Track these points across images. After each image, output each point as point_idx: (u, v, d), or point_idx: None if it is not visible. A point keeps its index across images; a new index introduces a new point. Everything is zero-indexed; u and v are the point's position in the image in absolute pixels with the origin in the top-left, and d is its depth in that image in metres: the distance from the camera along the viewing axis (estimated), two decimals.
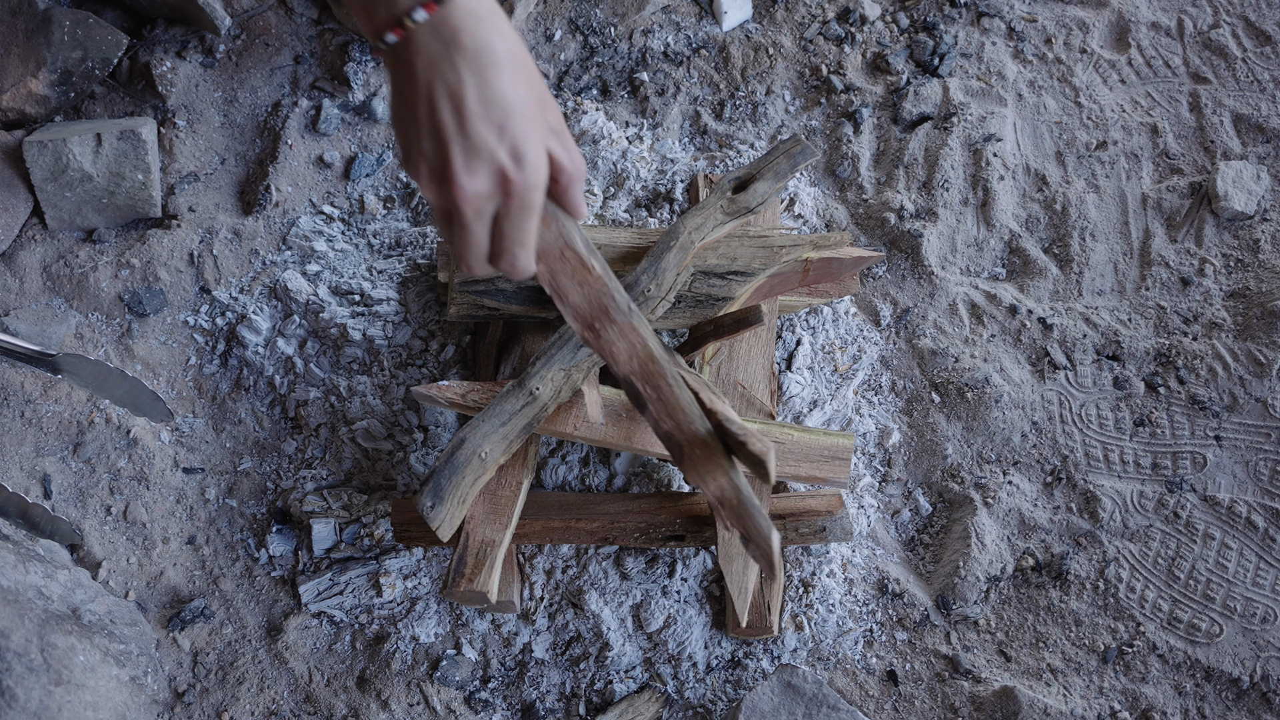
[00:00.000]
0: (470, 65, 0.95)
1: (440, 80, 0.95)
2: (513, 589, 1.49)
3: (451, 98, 0.95)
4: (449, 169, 0.96)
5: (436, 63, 0.95)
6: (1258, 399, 1.59)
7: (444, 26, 0.94)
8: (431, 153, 0.97)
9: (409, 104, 0.97)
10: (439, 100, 0.95)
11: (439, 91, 0.95)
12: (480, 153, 0.95)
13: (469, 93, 0.95)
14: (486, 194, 0.97)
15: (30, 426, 1.65)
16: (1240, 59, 1.84)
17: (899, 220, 1.74)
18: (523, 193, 0.97)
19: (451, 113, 0.95)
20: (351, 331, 1.66)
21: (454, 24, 0.94)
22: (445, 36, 0.94)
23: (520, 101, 0.96)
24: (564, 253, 1.22)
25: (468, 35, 0.94)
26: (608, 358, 1.31)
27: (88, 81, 1.77)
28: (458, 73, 0.95)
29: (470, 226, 0.99)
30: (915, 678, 1.51)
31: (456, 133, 0.95)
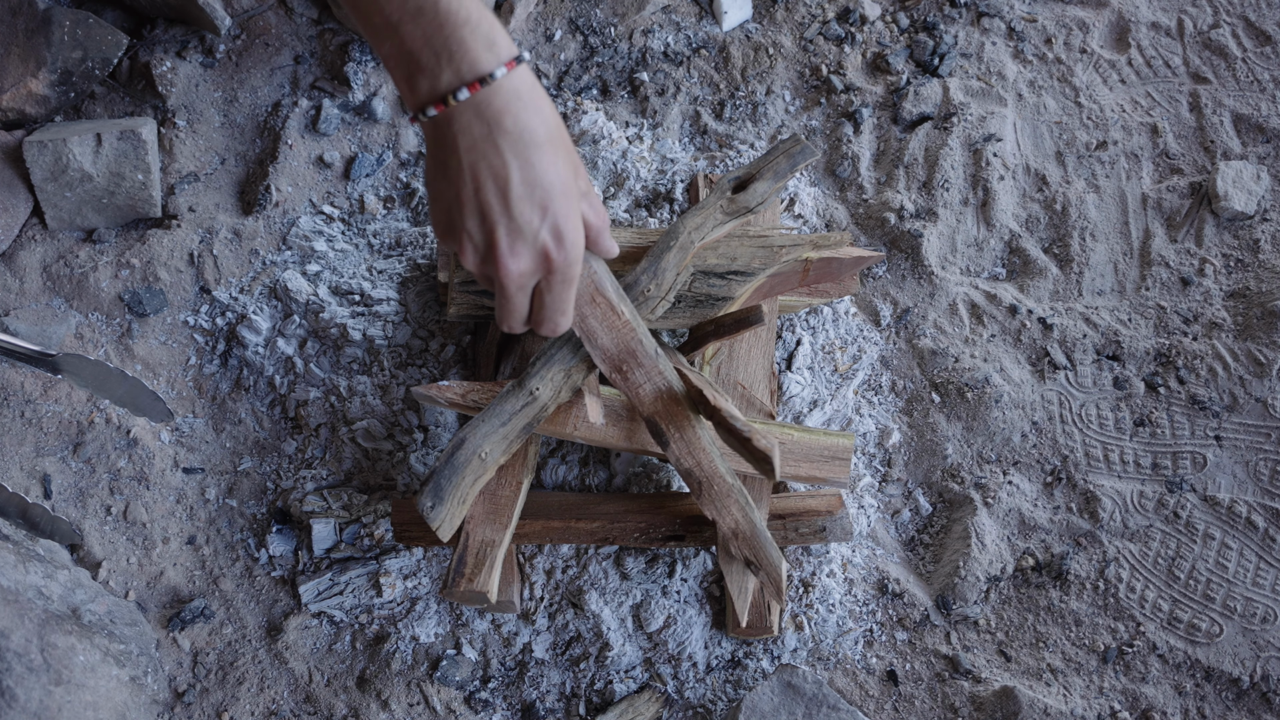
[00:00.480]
0: (513, 148, 0.97)
1: (484, 162, 0.97)
2: (513, 589, 1.49)
3: (496, 180, 0.97)
4: (495, 250, 1.00)
5: (480, 145, 0.97)
6: (1258, 399, 1.59)
7: (487, 108, 0.96)
8: (477, 232, 1.00)
9: (451, 180, 0.99)
10: (484, 182, 0.97)
11: (483, 173, 0.97)
12: (524, 235, 0.99)
13: (514, 175, 0.97)
14: (530, 271, 1.02)
15: (30, 426, 1.65)
16: (1240, 59, 1.84)
17: (899, 220, 1.74)
18: (564, 269, 1.03)
19: (497, 195, 0.98)
20: (351, 331, 1.66)
21: (498, 106, 0.96)
22: (488, 118, 0.96)
23: (560, 181, 0.99)
24: (594, 297, 1.31)
25: (510, 117, 0.96)
26: (633, 398, 1.37)
27: (88, 81, 1.77)
28: (501, 156, 0.97)
29: (513, 299, 1.05)
30: (915, 678, 1.51)
31: (502, 215, 0.98)
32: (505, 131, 0.96)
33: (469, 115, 0.96)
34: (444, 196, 1.02)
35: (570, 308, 1.09)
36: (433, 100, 0.97)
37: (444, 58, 0.95)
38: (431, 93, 0.97)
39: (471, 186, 0.99)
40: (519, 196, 0.98)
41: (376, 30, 0.96)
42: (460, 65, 0.95)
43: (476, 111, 0.96)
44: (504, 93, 0.96)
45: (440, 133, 0.99)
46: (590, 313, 1.33)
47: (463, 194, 0.99)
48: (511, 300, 1.06)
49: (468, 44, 0.95)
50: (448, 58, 0.95)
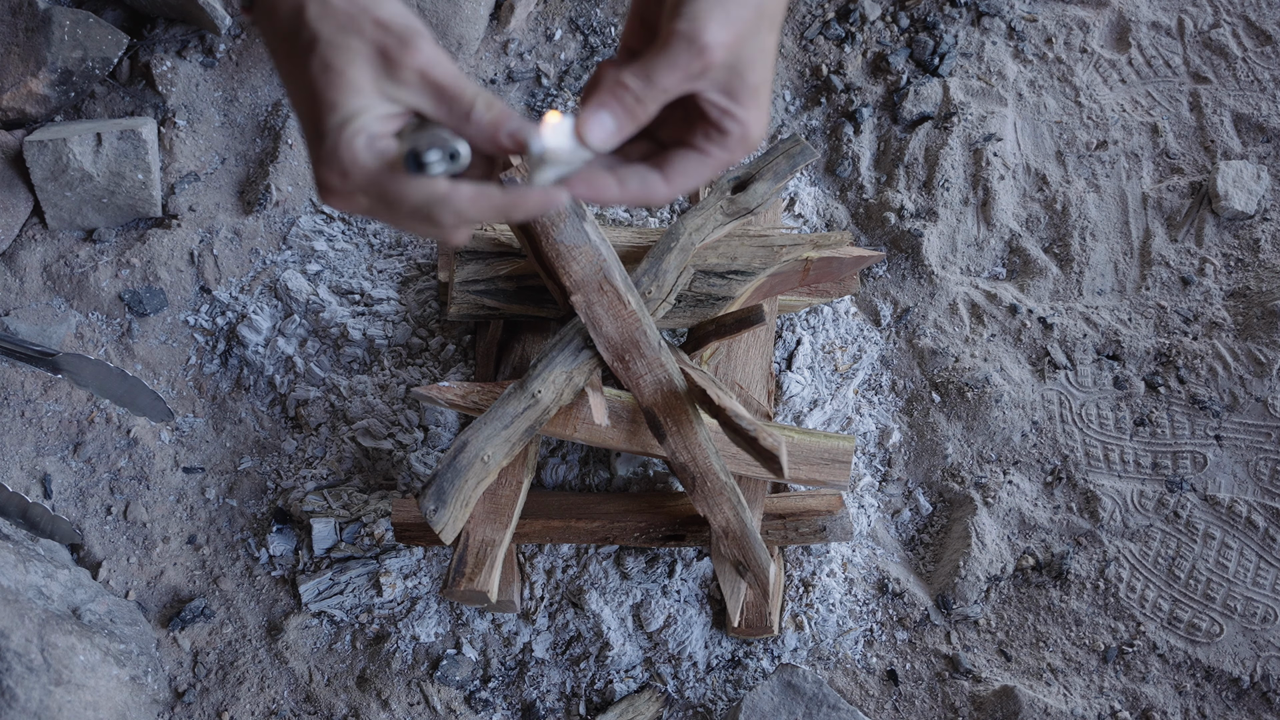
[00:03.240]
0: (286, 48, 0.78)
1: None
2: (513, 588, 1.49)
3: (287, 93, 0.79)
4: (315, 185, 0.81)
5: (275, 54, 0.79)
6: (1258, 398, 1.59)
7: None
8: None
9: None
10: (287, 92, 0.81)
11: (285, 86, 0.80)
12: (314, 157, 0.79)
13: (291, 87, 0.79)
14: (338, 199, 0.80)
15: (30, 426, 1.65)
16: (1240, 58, 1.84)
17: (899, 220, 1.74)
18: (357, 190, 0.77)
19: (291, 104, 0.81)
20: (352, 331, 1.66)
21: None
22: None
23: (317, 87, 0.76)
24: (602, 285, 1.32)
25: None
26: (634, 389, 1.37)
27: (88, 81, 1.77)
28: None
29: (377, 219, 0.82)
30: (915, 677, 1.51)
31: (302, 130, 0.80)
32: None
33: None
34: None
35: (417, 211, 0.77)
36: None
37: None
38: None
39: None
40: (296, 109, 0.79)
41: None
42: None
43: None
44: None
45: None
46: (596, 300, 1.34)
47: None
48: (384, 221, 0.82)
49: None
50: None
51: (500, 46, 1.90)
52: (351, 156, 0.75)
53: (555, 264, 1.36)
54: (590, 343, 1.37)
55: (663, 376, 1.36)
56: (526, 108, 1.88)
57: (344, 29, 0.74)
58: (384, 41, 0.75)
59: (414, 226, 0.78)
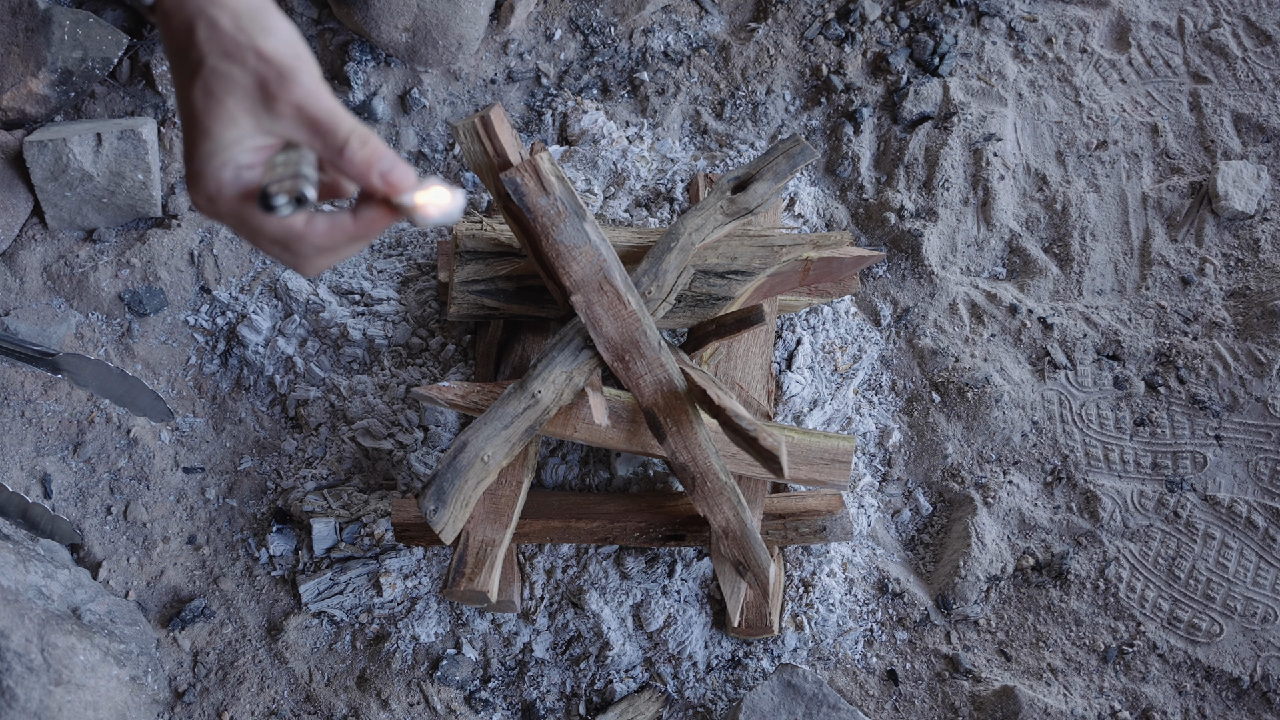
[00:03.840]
0: (167, 62, 0.81)
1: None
2: (513, 588, 1.49)
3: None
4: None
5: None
6: (1258, 398, 1.59)
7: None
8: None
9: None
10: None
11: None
12: (185, 168, 0.82)
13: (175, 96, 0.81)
14: (200, 210, 0.82)
15: (30, 426, 1.65)
16: (1240, 59, 1.84)
17: (899, 220, 1.74)
18: (213, 214, 0.80)
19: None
20: (352, 331, 1.66)
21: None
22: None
23: (189, 106, 0.78)
24: (602, 285, 1.32)
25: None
26: (634, 389, 1.37)
27: (88, 81, 1.77)
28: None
29: (240, 236, 0.85)
30: (915, 677, 1.51)
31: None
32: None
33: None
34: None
35: (277, 239, 0.80)
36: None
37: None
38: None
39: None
40: (178, 105, 0.80)
41: None
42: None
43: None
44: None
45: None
46: (596, 300, 1.35)
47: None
48: (250, 242, 0.84)
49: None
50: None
51: (500, 46, 1.90)
52: (217, 185, 0.78)
53: (555, 264, 1.36)
54: (590, 343, 1.37)
55: (663, 376, 1.36)
56: (526, 107, 1.88)
57: (228, 56, 0.76)
58: (264, 74, 0.77)
59: (274, 254, 0.82)
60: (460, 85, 1.88)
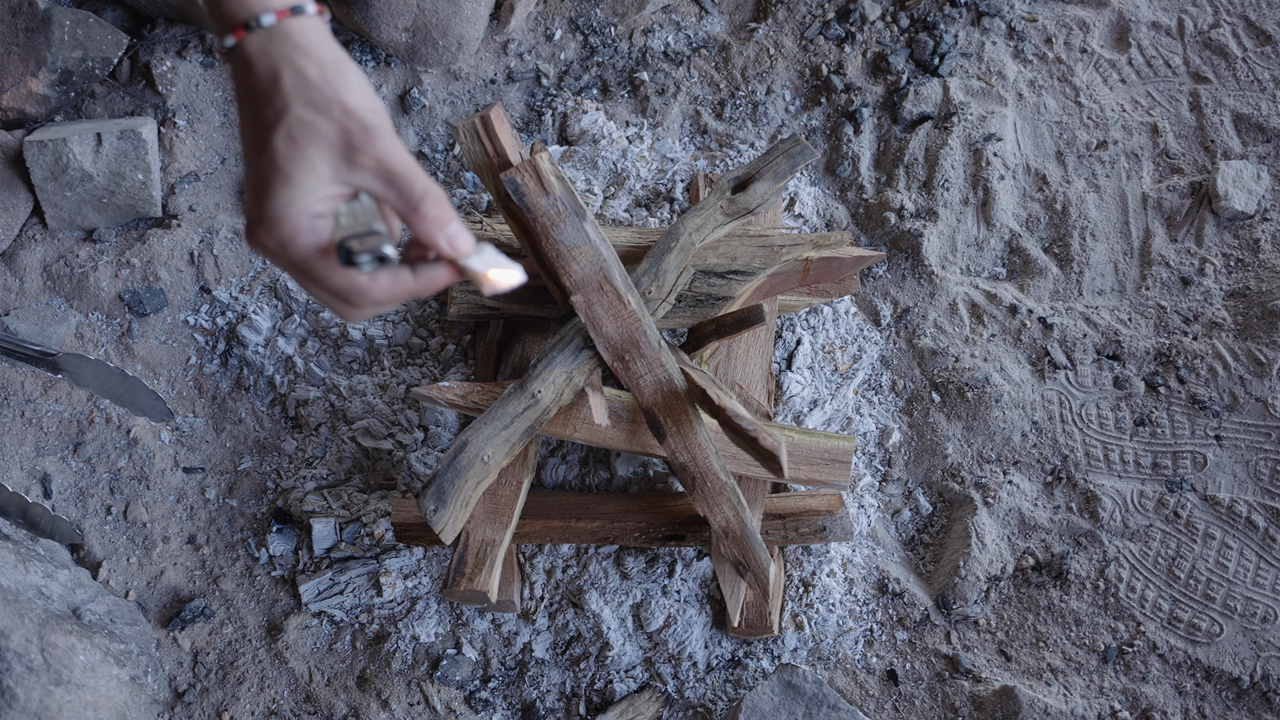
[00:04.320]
0: (240, 103, 0.82)
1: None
2: (513, 588, 1.49)
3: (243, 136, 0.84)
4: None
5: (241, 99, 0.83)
6: (1258, 398, 1.59)
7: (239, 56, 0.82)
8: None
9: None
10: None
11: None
12: (243, 207, 0.86)
13: (241, 137, 0.83)
14: (261, 250, 0.82)
15: (30, 426, 1.65)
16: (1240, 58, 1.84)
17: (899, 220, 1.74)
18: (278, 253, 0.81)
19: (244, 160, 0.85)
20: (352, 331, 1.66)
21: (245, 56, 0.81)
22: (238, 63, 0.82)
23: (267, 146, 0.79)
24: (602, 285, 1.33)
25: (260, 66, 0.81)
26: (634, 389, 1.37)
27: (88, 81, 1.77)
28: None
29: (293, 279, 0.85)
30: (915, 677, 1.51)
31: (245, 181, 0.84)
32: (248, 89, 0.81)
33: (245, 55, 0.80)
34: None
35: (337, 288, 0.81)
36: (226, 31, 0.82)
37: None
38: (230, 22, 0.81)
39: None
40: (242, 153, 0.83)
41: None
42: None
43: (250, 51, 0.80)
44: (251, 46, 0.80)
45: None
46: (596, 300, 1.35)
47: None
48: (301, 285, 0.85)
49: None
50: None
51: (500, 46, 1.90)
52: (293, 232, 0.79)
53: (555, 264, 1.36)
54: (590, 343, 1.37)
55: (663, 376, 1.36)
56: (526, 107, 1.88)
57: (314, 106, 0.78)
58: (349, 127, 0.79)
59: (326, 301, 0.84)
60: (460, 85, 1.88)
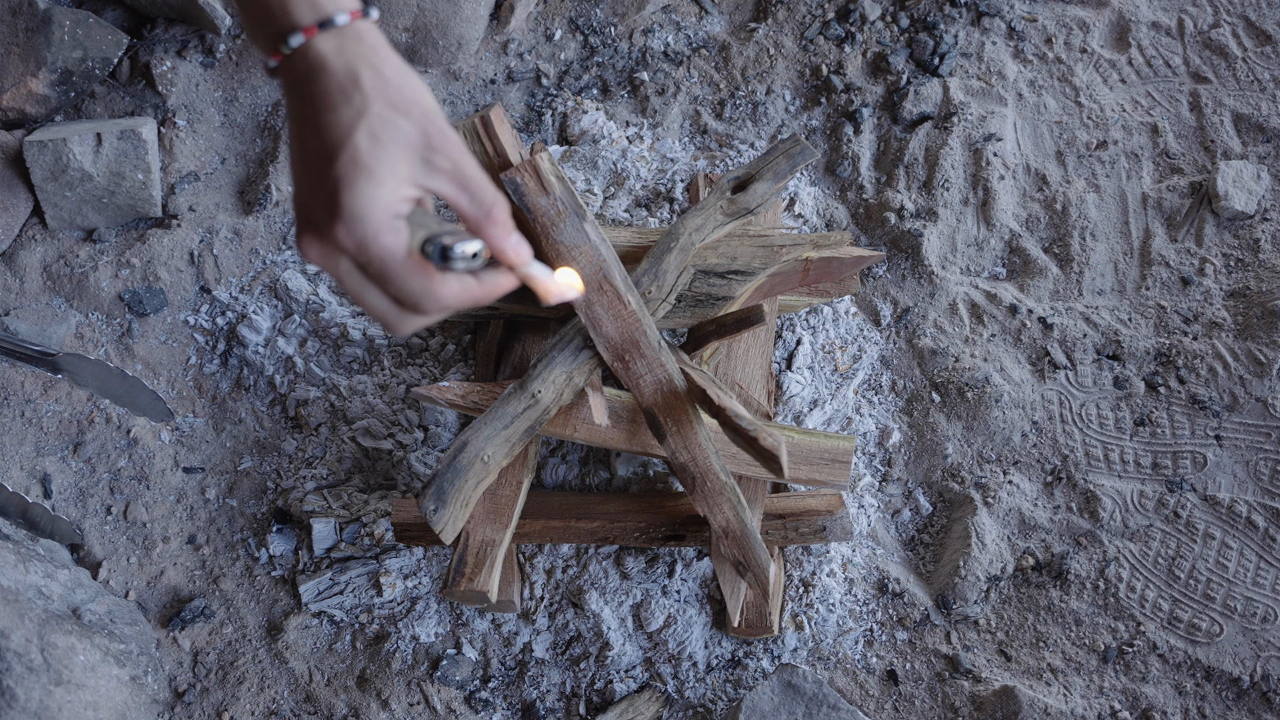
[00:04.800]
0: (305, 105, 0.81)
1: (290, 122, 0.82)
2: (513, 588, 1.49)
3: (291, 141, 0.83)
4: (296, 232, 0.82)
5: (288, 108, 0.82)
6: (1258, 398, 1.59)
7: (299, 63, 0.81)
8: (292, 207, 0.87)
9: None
10: (288, 144, 0.84)
11: (287, 136, 0.82)
12: (306, 204, 0.80)
13: (295, 138, 0.81)
14: (322, 250, 0.79)
15: (30, 426, 1.65)
16: (1240, 59, 1.84)
17: (899, 220, 1.74)
18: (357, 253, 0.78)
19: (291, 152, 0.83)
20: (352, 330, 1.66)
21: (310, 61, 0.80)
22: (300, 71, 0.81)
23: (348, 141, 0.78)
24: (602, 285, 1.32)
25: (324, 71, 0.80)
26: (634, 389, 1.37)
27: (88, 81, 1.77)
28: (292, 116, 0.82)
29: (345, 286, 0.81)
30: (915, 677, 1.51)
31: (294, 176, 0.82)
32: (309, 88, 0.80)
33: (297, 62, 0.80)
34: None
35: (412, 288, 0.79)
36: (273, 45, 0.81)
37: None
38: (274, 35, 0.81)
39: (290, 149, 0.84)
40: (301, 157, 0.80)
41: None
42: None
43: (298, 61, 0.80)
44: (317, 47, 0.79)
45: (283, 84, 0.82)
46: (596, 299, 1.35)
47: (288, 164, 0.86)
48: (351, 295, 0.81)
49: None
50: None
51: (500, 46, 1.90)
52: (376, 229, 0.77)
53: (555, 264, 1.36)
54: (590, 343, 1.37)
55: (663, 376, 1.36)
56: (526, 107, 1.88)
57: (395, 107, 0.78)
58: (428, 129, 0.79)
59: (380, 310, 0.81)
60: (460, 85, 1.88)
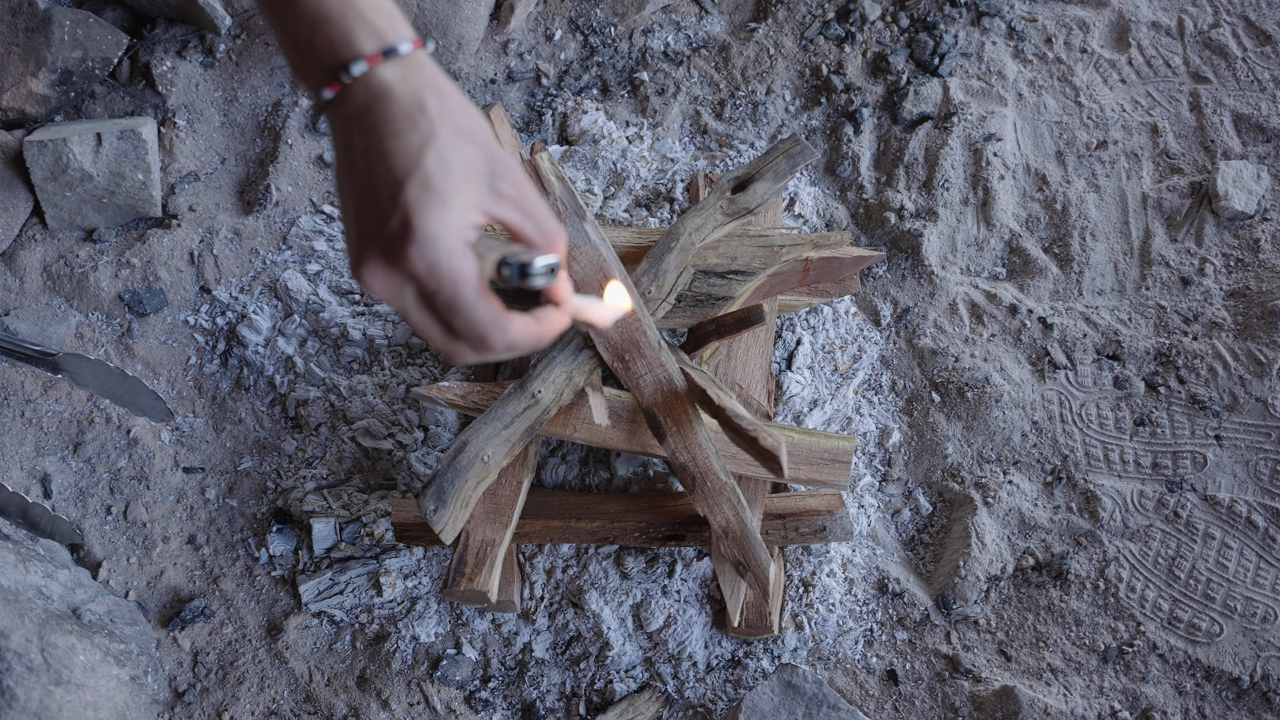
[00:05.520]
0: (368, 133, 0.79)
1: (342, 150, 0.81)
2: (513, 588, 1.49)
3: (349, 172, 0.81)
4: (355, 261, 0.79)
5: (341, 141, 0.81)
6: (1258, 398, 1.59)
7: (360, 94, 0.80)
8: (346, 236, 0.82)
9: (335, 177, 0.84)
10: (340, 176, 0.81)
11: (341, 168, 0.81)
12: (371, 231, 0.78)
13: (357, 160, 0.79)
14: (388, 278, 0.78)
15: (30, 426, 1.65)
16: (1240, 59, 1.84)
17: (899, 220, 1.74)
18: (426, 279, 0.76)
19: (349, 183, 0.81)
20: (352, 331, 1.66)
21: (369, 92, 0.79)
22: (361, 103, 0.80)
23: (415, 164, 0.77)
24: (601, 285, 1.30)
25: (387, 96, 0.79)
26: (634, 389, 1.37)
27: (88, 81, 1.77)
28: (351, 141, 0.80)
29: (409, 318, 0.79)
30: (915, 677, 1.51)
31: (347, 209, 0.81)
32: (371, 115, 0.79)
33: (358, 92, 0.79)
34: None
35: (481, 319, 0.78)
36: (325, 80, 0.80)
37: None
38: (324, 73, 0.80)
39: (335, 182, 0.82)
40: (366, 184, 0.78)
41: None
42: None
43: (358, 92, 0.79)
44: (375, 79, 0.78)
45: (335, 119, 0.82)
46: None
47: (339, 195, 0.82)
48: (415, 327, 0.80)
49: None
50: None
51: (500, 46, 1.90)
52: (449, 252, 0.75)
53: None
54: (590, 343, 1.37)
55: (663, 376, 1.36)
56: (526, 107, 1.88)
57: (461, 134, 0.78)
58: (494, 155, 0.78)
59: (442, 339, 0.80)
60: (460, 85, 1.88)
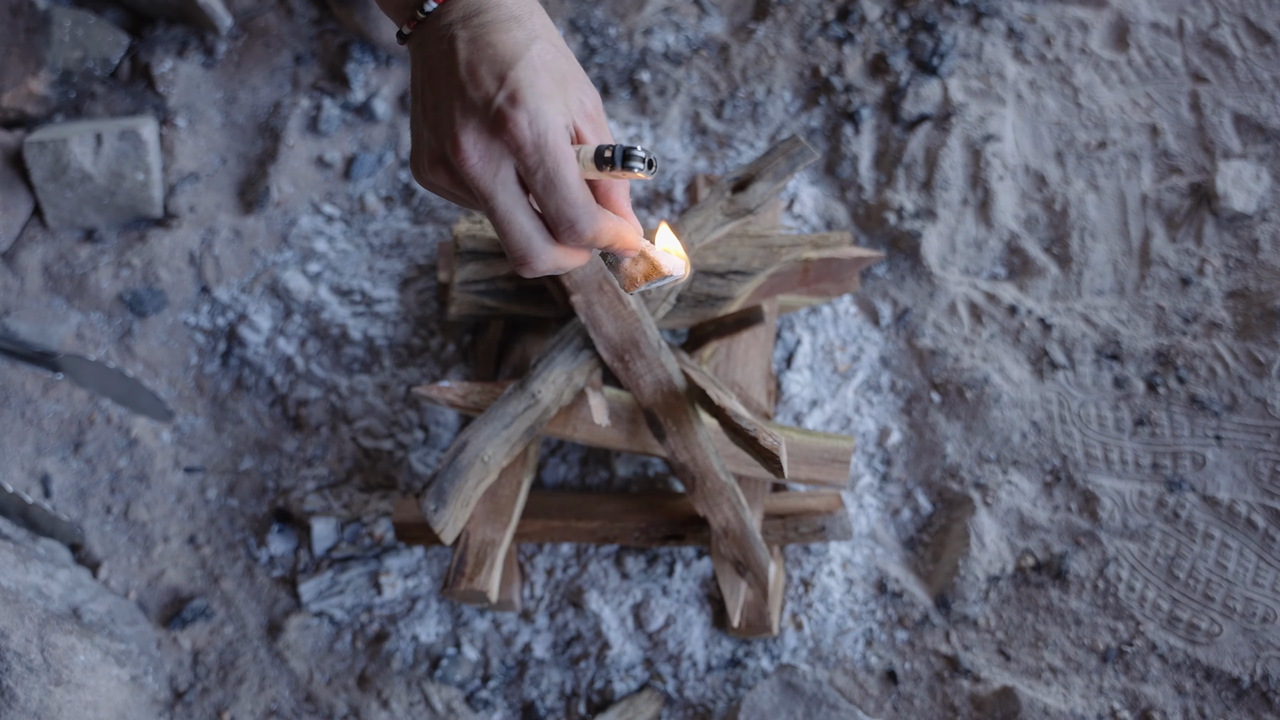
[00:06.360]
0: (472, 29, 0.83)
1: (441, 55, 0.85)
2: (513, 588, 1.50)
3: (447, 65, 0.84)
4: (452, 139, 0.81)
5: (439, 42, 0.85)
6: (1258, 399, 1.59)
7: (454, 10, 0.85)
8: (434, 131, 0.84)
9: (415, 91, 0.88)
10: (436, 72, 0.85)
11: (437, 64, 0.84)
12: (476, 105, 0.80)
13: (461, 51, 0.83)
14: (492, 153, 0.80)
15: (30, 426, 1.65)
16: (1240, 58, 1.84)
17: (899, 220, 1.74)
18: (535, 141, 0.79)
19: (447, 76, 0.83)
20: (352, 331, 1.66)
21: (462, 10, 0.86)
22: (457, 16, 0.85)
23: (523, 50, 0.81)
24: (602, 285, 1.34)
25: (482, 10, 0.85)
26: (634, 389, 1.37)
27: (88, 81, 1.77)
28: (453, 45, 0.85)
29: (499, 207, 0.81)
30: (915, 677, 1.51)
31: (452, 94, 0.83)
32: (467, 20, 0.85)
33: (441, 17, 0.86)
34: (413, 116, 0.87)
35: (577, 199, 0.80)
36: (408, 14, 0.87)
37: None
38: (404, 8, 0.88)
39: (424, 82, 0.86)
40: (469, 67, 0.81)
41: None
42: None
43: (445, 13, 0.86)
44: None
45: (415, 48, 0.89)
46: (596, 300, 1.35)
47: (422, 98, 0.86)
48: (499, 212, 0.81)
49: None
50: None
51: None
52: (556, 126, 0.80)
53: None
54: (590, 343, 1.37)
55: (663, 376, 1.36)
56: None
57: (558, 47, 0.85)
58: (582, 78, 0.86)
59: (529, 230, 0.83)
60: None
